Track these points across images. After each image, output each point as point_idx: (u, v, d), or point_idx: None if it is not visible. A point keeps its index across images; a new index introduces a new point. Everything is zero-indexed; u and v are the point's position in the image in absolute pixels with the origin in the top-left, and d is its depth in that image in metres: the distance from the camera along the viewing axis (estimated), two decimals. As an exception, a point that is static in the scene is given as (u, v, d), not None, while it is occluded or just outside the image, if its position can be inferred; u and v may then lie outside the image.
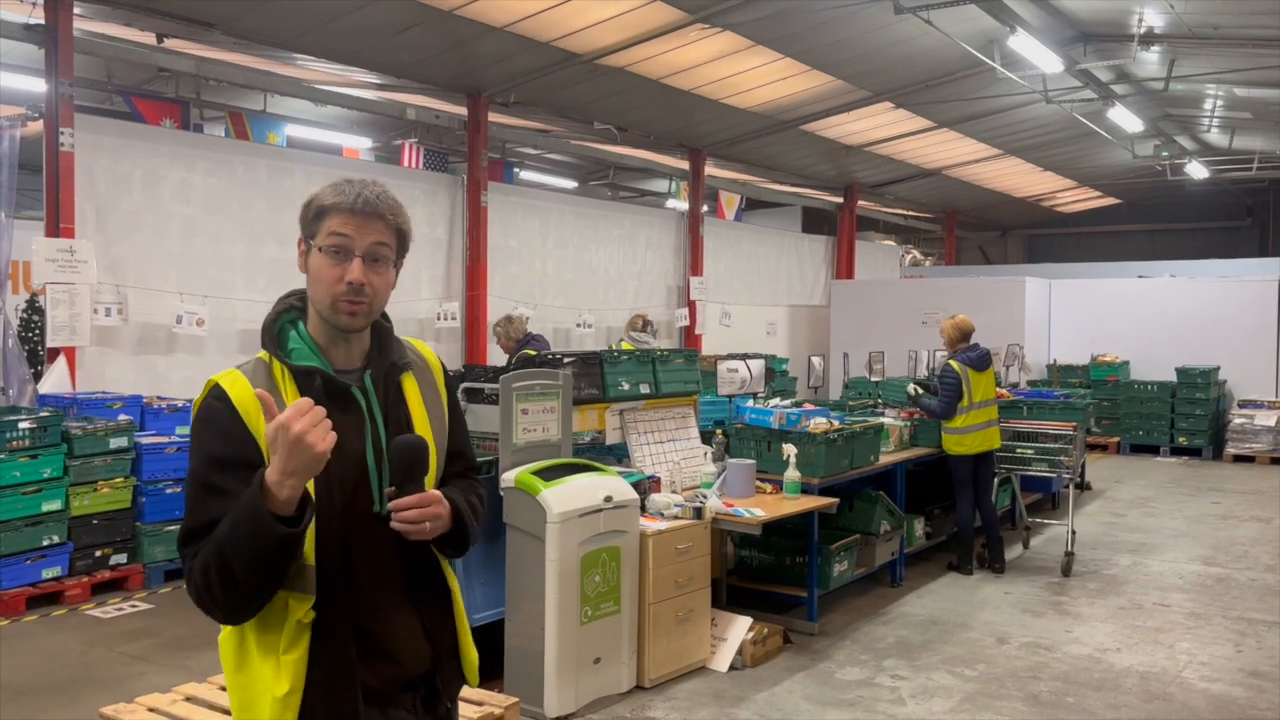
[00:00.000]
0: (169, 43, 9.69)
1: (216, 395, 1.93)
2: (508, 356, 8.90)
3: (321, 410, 1.79)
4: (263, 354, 2.03)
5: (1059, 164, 18.83)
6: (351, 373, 2.03)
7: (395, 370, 2.08)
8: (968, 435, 7.65)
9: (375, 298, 1.99)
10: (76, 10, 8.30)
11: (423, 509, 1.91)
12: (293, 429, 1.73)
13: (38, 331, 8.42)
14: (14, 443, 6.68)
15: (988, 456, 7.84)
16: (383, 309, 2.05)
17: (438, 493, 1.96)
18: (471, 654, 2.17)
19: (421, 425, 2.08)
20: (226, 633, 1.97)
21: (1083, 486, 11.03)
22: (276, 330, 2.03)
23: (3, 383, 8.18)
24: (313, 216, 1.98)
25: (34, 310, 8.57)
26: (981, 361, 7.74)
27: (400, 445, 1.94)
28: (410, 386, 2.11)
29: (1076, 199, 22.85)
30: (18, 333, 8.30)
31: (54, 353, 8.17)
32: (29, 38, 8.15)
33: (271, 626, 1.91)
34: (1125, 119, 14.31)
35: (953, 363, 7.71)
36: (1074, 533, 8.02)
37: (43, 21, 8.05)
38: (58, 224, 8.05)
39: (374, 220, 1.97)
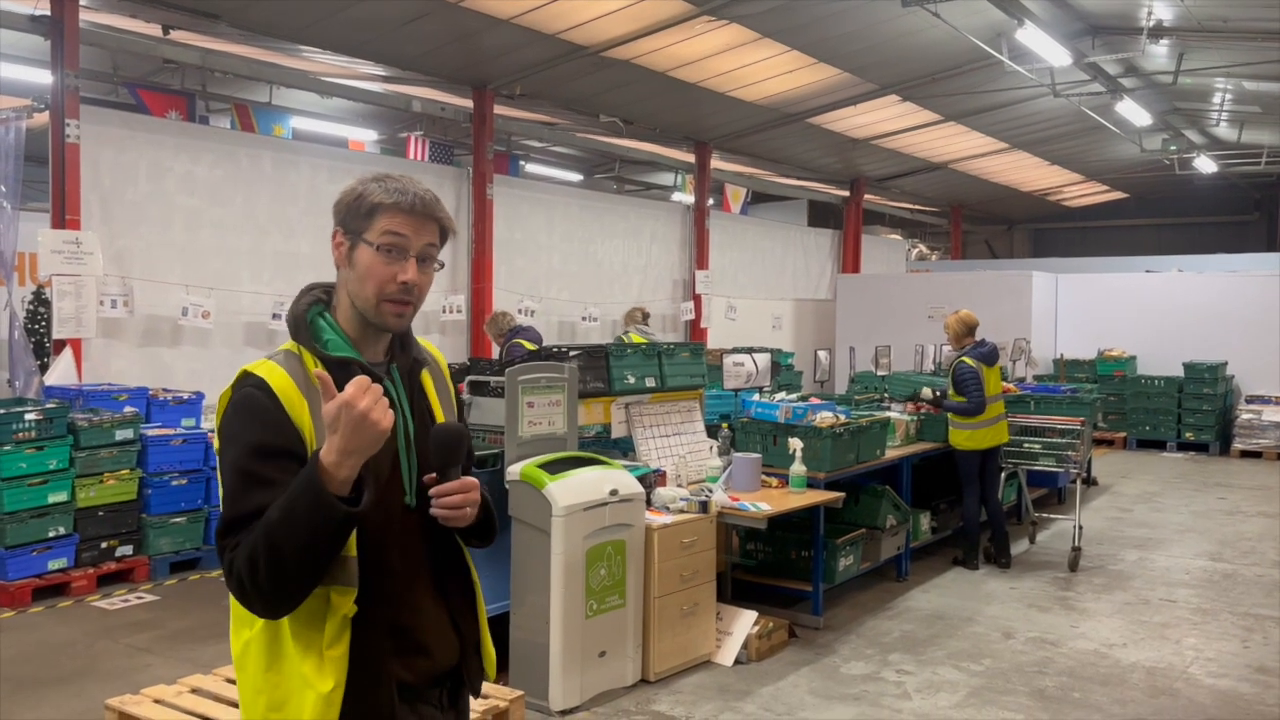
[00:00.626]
0: (174, 34, 9.67)
1: (255, 384, 1.91)
2: (499, 350, 8.98)
3: (379, 388, 1.79)
4: (290, 346, 2.02)
5: (1066, 158, 18.77)
6: (377, 366, 2.04)
7: (417, 365, 2.11)
8: (978, 431, 7.63)
9: (420, 297, 2.02)
10: (82, 1, 8.29)
11: (465, 494, 1.93)
12: (358, 406, 1.74)
13: (44, 323, 8.42)
14: (20, 434, 6.69)
15: (994, 451, 7.82)
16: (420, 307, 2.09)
17: (475, 479, 1.98)
18: (490, 648, 2.20)
19: (439, 417, 2.11)
20: (258, 629, 1.93)
21: (1089, 481, 11.01)
22: (308, 321, 2.03)
23: (9, 374, 8.18)
24: (364, 213, 1.98)
25: (40, 302, 8.57)
26: (991, 357, 7.73)
27: (443, 431, 1.97)
28: (428, 382, 2.14)
29: (1084, 193, 22.77)
30: (24, 324, 8.30)
31: (60, 344, 8.17)
32: (35, 29, 8.15)
33: (313, 622, 1.89)
34: (1133, 113, 14.26)
35: (967, 359, 7.70)
36: (1080, 528, 8.00)
37: (48, 13, 8.05)
38: (63, 216, 8.06)
39: (429, 222, 2.00)
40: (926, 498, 8.07)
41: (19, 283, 8.52)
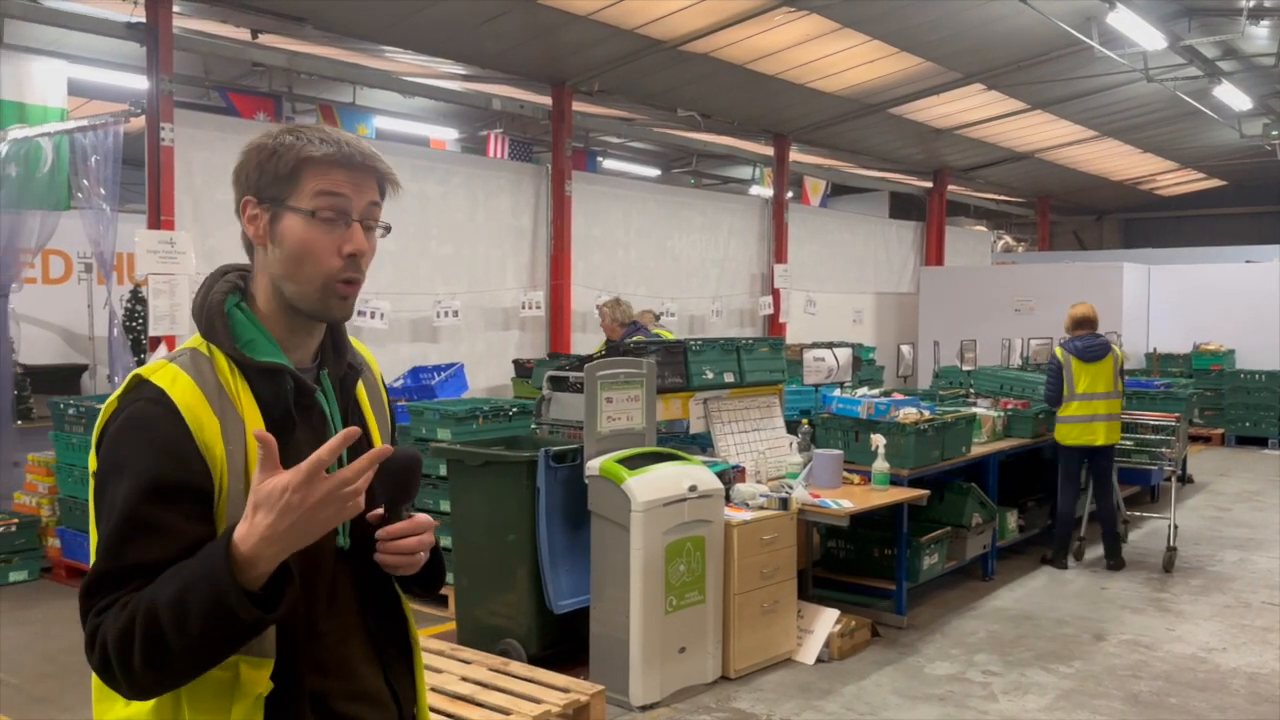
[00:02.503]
0: (262, 38, 9.91)
1: (153, 397, 1.47)
2: (611, 338, 8.48)
3: (344, 478, 1.38)
4: (198, 344, 1.58)
5: (1160, 145, 18.16)
6: (305, 372, 1.64)
7: (352, 373, 1.71)
8: (1065, 425, 7.42)
9: (363, 274, 1.62)
10: (176, 8, 8.54)
11: (420, 537, 1.57)
12: (310, 498, 1.35)
13: (141, 321, 8.70)
14: (119, 428, 6.91)
15: (1103, 451, 7.48)
16: None
17: (428, 517, 1.61)
18: (428, 718, 1.84)
19: (376, 439, 1.73)
20: (135, 710, 1.49)
21: (1184, 479, 10.64)
22: (225, 314, 1.58)
23: (109, 370, 8.47)
24: (286, 173, 1.56)
25: (137, 300, 8.85)
26: (1088, 352, 7.43)
27: (395, 459, 1.54)
28: (362, 394, 1.75)
29: (1178, 181, 22.01)
30: (122, 322, 8.59)
31: (155, 341, 8.43)
32: (131, 36, 8.42)
33: (216, 704, 1.47)
34: (1232, 97, 13.72)
35: (1057, 350, 7.53)
36: (1175, 527, 7.74)
37: (144, 20, 8.30)
38: (159, 216, 8.30)
39: (369, 176, 1.60)
40: (1014, 495, 7.88)
41: (118, 281, 8.82)
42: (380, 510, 1.58)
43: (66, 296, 9.42)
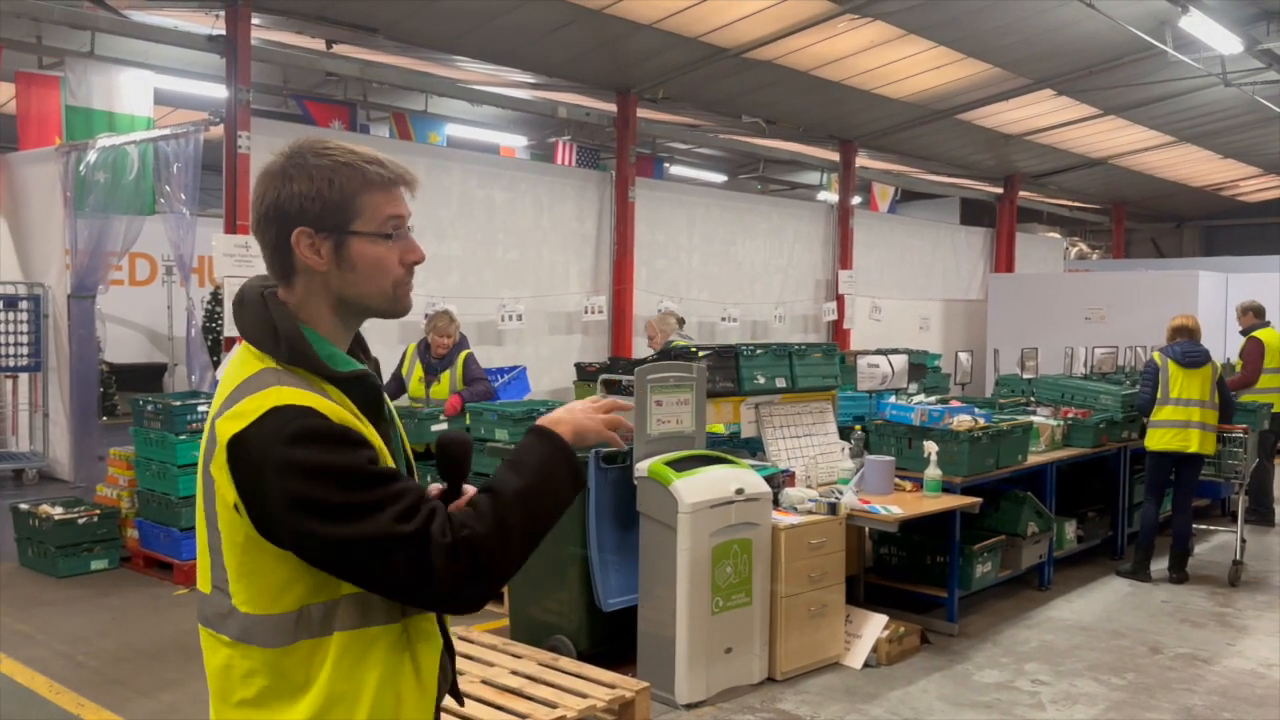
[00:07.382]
0: (337, 48, 10.24)
1: (314, 414, 1.56)
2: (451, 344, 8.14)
3: (612, 403, 1.87)
4: (272, 364, 1.64)
5: (1240, 151, 17.67)
6: None
7: (375, 365, 1.85)
8: (1155, 430, 7.39)
9: None
10: (254, 21, 8.88)
11: None
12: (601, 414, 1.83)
13: (219, 322, 9.05)
14: (194, 424, 7.19)
15: (1193, 460, 7.39)
16: None
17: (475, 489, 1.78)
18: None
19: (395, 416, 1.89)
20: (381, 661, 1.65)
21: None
22: (304, 336, 1.67)
23: (188, 369, 8.84)
24: (344, 203, 1.67)
25: (216, 302, 9.21)
26: (1187, 358, 7.36)
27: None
28: None
29: (1261, 187, 21.37)
30: (202, 323, 8.95)
31: (230, 341, 8.76)
32: (212, 48, 8.78)
33: (429, 645, 1.74)
34: (1315, 101, 13.33)
35: (1155, 354, 7.54)
36: (1244, 541, 7.59)
37: (224, 33, 8.65)
38: (235, 221, 8.63)
39: (411, 189, 1.78)
40: (1075, 505, 7.80)
41: (199, 284, 9.19)
42: (441, 486, 1.78)
43: (150, 297, 9.86)
